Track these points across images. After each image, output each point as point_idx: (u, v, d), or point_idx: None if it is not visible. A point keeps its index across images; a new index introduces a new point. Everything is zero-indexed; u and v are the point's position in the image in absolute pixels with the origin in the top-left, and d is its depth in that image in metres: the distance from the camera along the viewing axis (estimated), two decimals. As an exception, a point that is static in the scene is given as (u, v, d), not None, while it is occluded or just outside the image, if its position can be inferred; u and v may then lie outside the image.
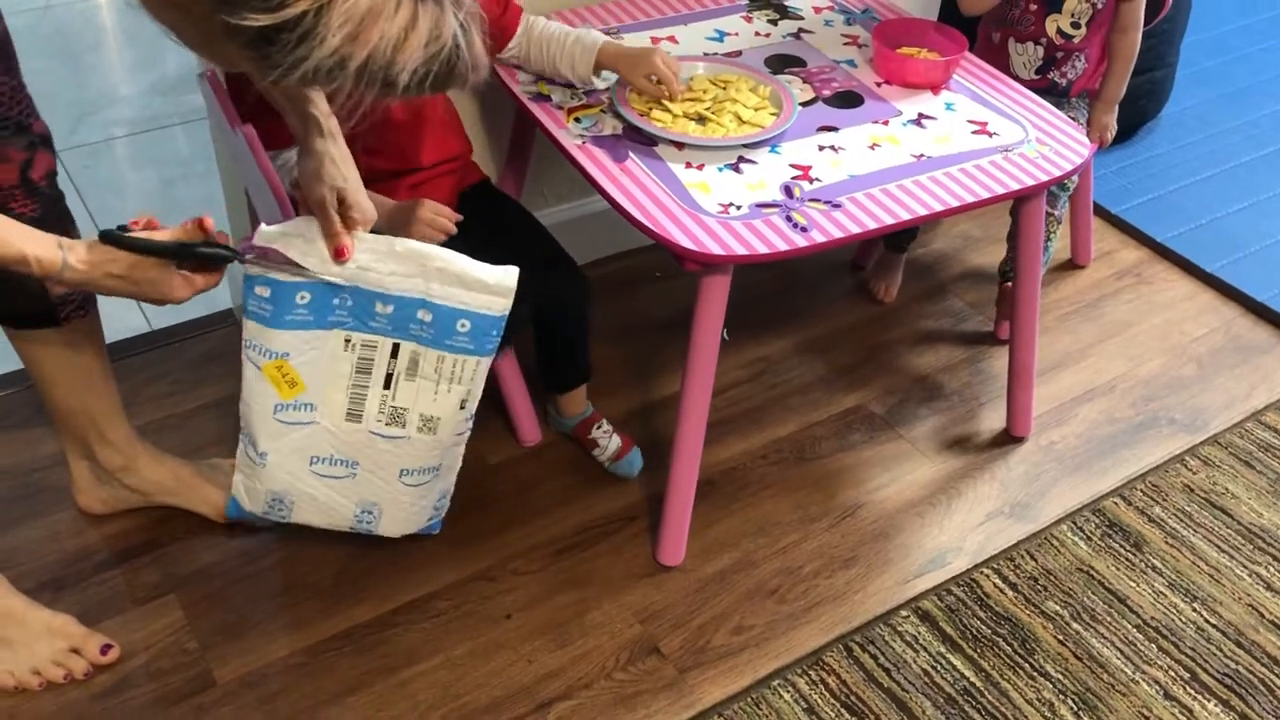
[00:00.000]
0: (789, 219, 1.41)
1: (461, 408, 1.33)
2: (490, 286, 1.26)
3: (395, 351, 1.30)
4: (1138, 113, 2.51)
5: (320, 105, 1.25)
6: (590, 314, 1.63)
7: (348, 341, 1.29)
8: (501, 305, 1.27)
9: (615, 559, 1.60)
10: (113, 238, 1.13)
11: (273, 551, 1.57)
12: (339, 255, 1.22)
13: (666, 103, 1.56)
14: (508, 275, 1.26)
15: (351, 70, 0.86)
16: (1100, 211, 2.32)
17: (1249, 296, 2.14)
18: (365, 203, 1.25)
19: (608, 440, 1.70)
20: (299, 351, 1.29)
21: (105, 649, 1.41)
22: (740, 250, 1.36)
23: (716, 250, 1.36)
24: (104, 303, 1.94)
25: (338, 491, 1.38)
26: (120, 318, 1.92)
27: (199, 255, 1.15)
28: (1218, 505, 1.74)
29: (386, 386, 1.32)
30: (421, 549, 1.57)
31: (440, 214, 1.44)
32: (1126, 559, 1.65)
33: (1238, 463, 1.81)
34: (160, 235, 1.15)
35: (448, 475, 1.42)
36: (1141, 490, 1.76)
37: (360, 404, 1.33)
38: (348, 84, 0.87)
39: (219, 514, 1.58)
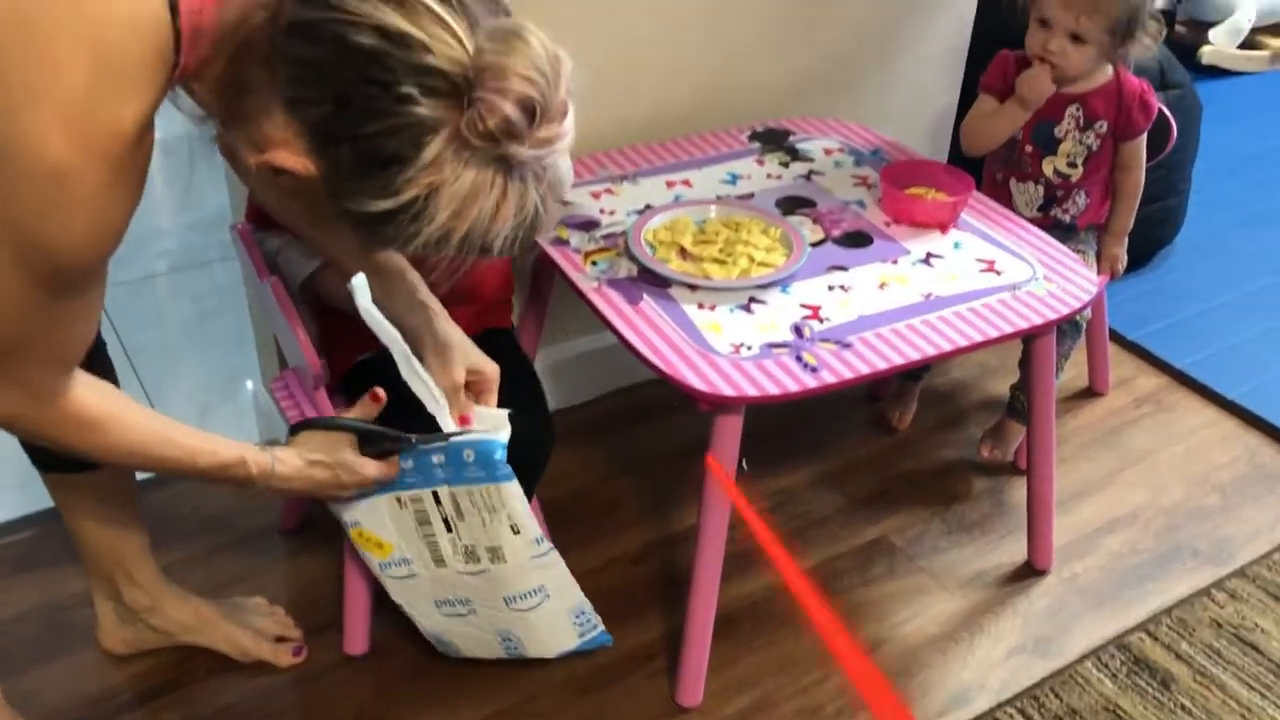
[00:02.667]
0: (799, 359, 1.44)
1: (516, 533, 1.36)
2: (486, 420, 1.32)
3: (437, 498, 1.35)
4: (1152, 239, 2.54)
5: (415, 279, 1.33)
6: (539, 475, 1.52)
7: (399, 501, 1.36)
8: (501, 434, 1.30)
9: (632, 700, 1.59)
10: (312, 423, 1.27)
11: (293, 692, 1.57)
12: (462, 424, 1.30)
13: (684, 244, 1.61)
14: (500, 413, 1.32)
15: (454, 241, 0.97)
16: (1117, 338, 2.34)
17: (1271, 424, 2.13)
18: (487, 364, 1.32)
19: None
20: (368, 517, 1.37)
21: None
22: (751, 391, 1.39)
23: (728, 391, 1.39)
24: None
25: (473, 626, 1.46)
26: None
27: (378, 436, 1.27)
28: (1247, 641, 1.71)
29: (449, 529, 1.37)
30: (441, 687, 1.57)
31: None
32: (1154, 697, 1.62)
33: (1266, 596, 1.79)
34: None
35: (564, 594, 1.44)
36: (1168, 625, 1.74)
37: (438, 550, 1.39)
38: (449, 252, 0.98)
39: (241, 653, 1.59)
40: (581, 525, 1.85)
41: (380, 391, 1.26)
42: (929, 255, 1.64)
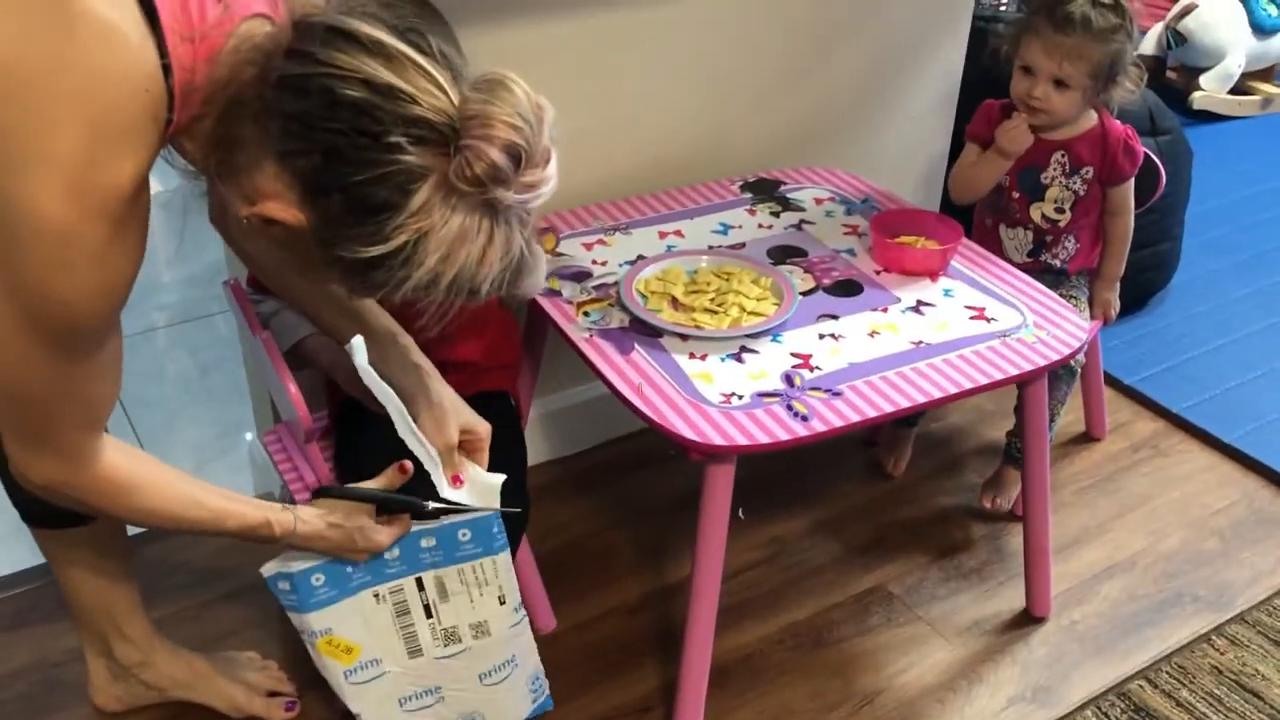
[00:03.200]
0: (790, 408, 1.44)
1: (502, 603, 1.39)
2: (478, 482, 1.32)
3: (420, 584, 1.37)
4: (1146, 284, 2.55)
5: (407, 342, 1.34)
6: (519, 543, 1.53)
7: (376, 596, 1.36)
8: (492, 503, 1.31)
9: (627, 753, 1.57)
10: (330, 492, 1.29)
11: (285, 747, 1.56)
12: (455, 483, 1.30)
13: (676, 294, 1.62)
14: (492, 479, 1.32)
15: (443, 285, 0.99)
16: (1113, 383, 2.34)
17: (1269, 467, 2.12)
18: (479, 423, 1.32)
19: None
20: (339, 622, 1.37)
21: None
22: (742, 440, 1.39)
23: (718, 441, 1.39)
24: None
25: (437, 716, 1.45)
26: (147, 508, 1.97)
27: (396, 504, 1.29)
28: (1248, 688, 1.70)
29: (429, 615, 1.38)
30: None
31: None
32: (1155, 746, 1.61)
33: (1267, 642, 1.77)
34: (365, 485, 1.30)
35: (527, 659, 1.47)
36: (1168, 672, 1.72)
37: (415, 640, 1.40)
38: (438, 296, 1.00)
39: (234, 709, 1.58)
40: (576, 576, 1.84)
41: (408, 465, 1.28)
42: (919, 303, 1.65)
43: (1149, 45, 3.62)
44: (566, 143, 1.82)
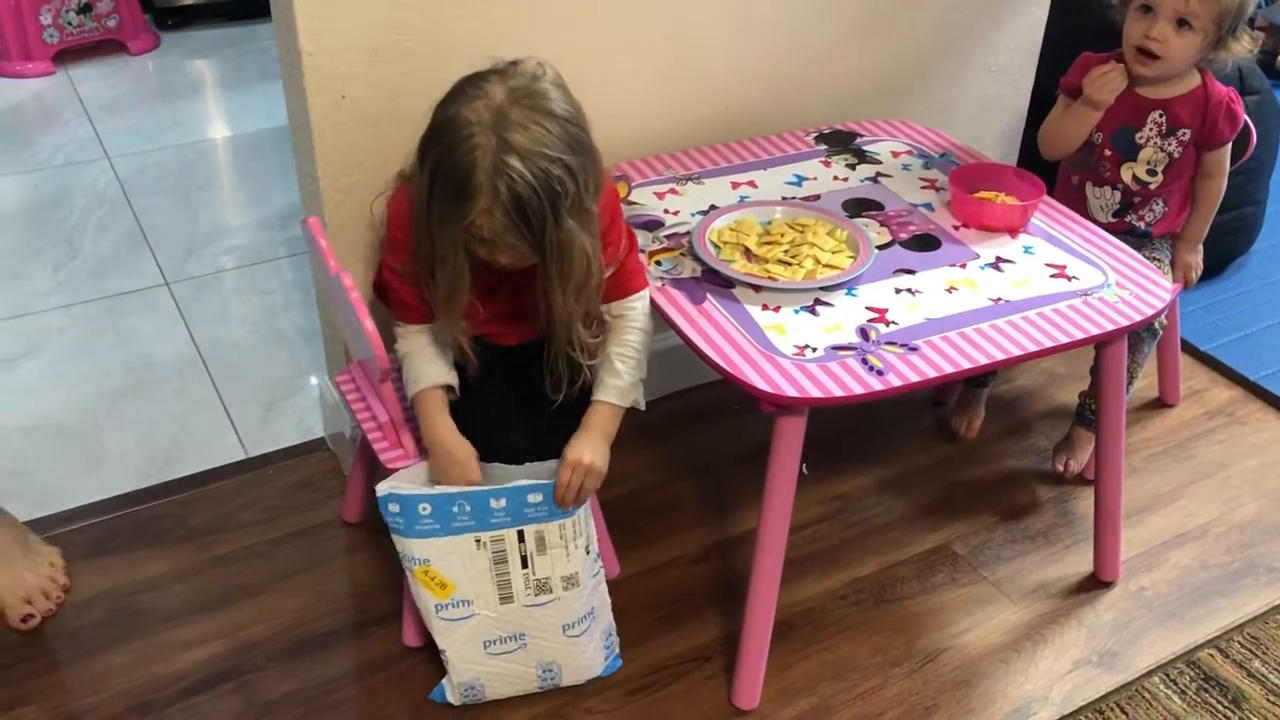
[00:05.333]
0: (865, 362, 1.42)
1: (588, 552, 1.46)
2: None
3: (521, 536, 1.42)
4: (1226, 249, 2.49)
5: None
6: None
7: (478, 541, 1.42)
8: None
9: (689, 701, 1.58)
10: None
11: (353, 683, 1.59)
12: None
13: (749, 245, 1.61)
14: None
15: None
16: (1189, 349, 2.29)
17: (1349, 439, 2.07)
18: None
19: None
20: (438, 557, 1.43)
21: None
22: (815, 393, 1.38)
23: (791, 392, 1.38)
24: (199, 428, 2.04)
25: (516, 662, 1.51)
26: (217, 443, 2.01)
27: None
28: (1322, 660, 1.67)
29: (525, 566, 1.44)
30: (497, 683, 1.58)
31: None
32: (1224, 716, 1.58)
33: (1342, 615, 1.74)
34: None
35: (603, 614, 1.54)
36: (1239, 642, 1.69)
37: (508, 588, 1.45)
38: None
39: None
40: (641, 525, 1.85)
41: None
42: (998, 260, 1.62)
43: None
44: (638, 90, 1.82)
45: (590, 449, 1.43)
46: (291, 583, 1.72)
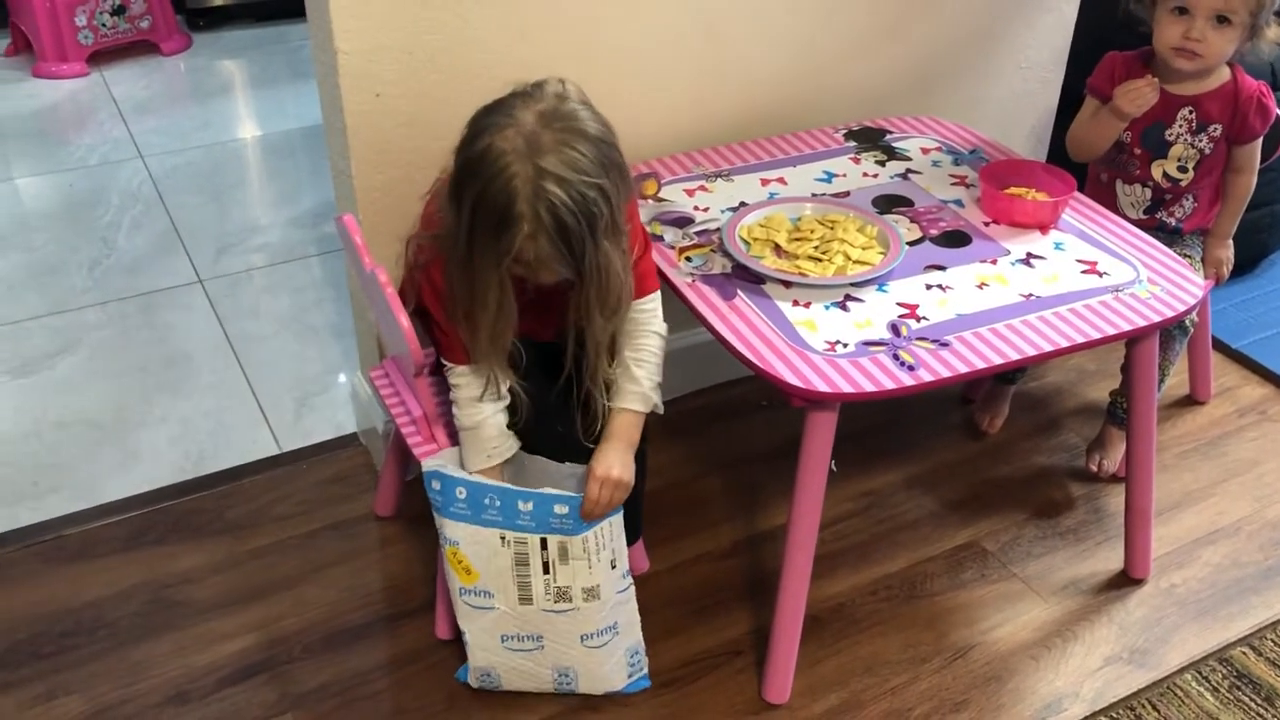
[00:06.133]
0: (896, 357, 1.43)
1: (613, 567, 1.46)
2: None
3: (544, 544, 1.43)
4: (1258, 246, 2.47)
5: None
6: (643, 469, 1.55)
7: (503, 539, 1.44)
8: None
9: (719, 695, 1.59)
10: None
11: (387, 674, 1.61)
12: None
13: (779, 241, 1.61)
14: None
15: None
16: (1220, 346, 2.28)
17: (1383, 436, 2.05)
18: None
19: None
20: (467, 542, 1.44)
21: None
22: (847, 388, 1.38)
23: (823, 388, 1.38)
24: (232, 424, 2.06)
25: (533, 661, 1.52)
26: (250, 438, 2.03)
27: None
28: (1356, 659, 1.66)
29: (546, 572, 1.45)
30: (528, 676, 1.59)
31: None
32: (1258, 713, 1.58)
33: (1377, 613, 1.73)
34: None
35: (630, 631, 1.53)
36: (1272, 640, 1.69)
37: (528, 589, 1.47)
38: None
39: None
40: (671, 520, 1.85)
41: None
42: (1029, 256, 1.62)
43: None
44: (668, 86, 1.83)
45: (618, 462, 1.43)
46: (325, 576, 1.74)
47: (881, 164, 1.85)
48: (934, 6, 2.02)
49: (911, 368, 1.41)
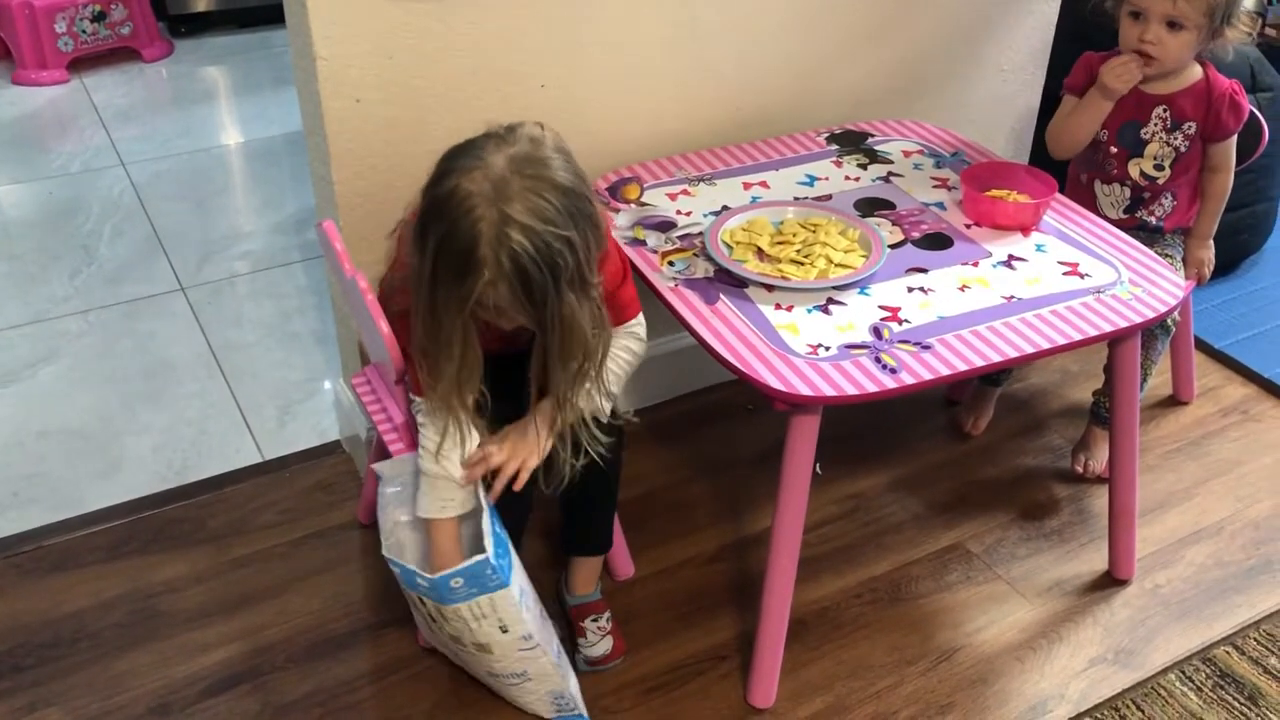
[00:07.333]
0: (878, 360, 1.43)
1: (505, 632, 1.42)
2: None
3: (422, 600, 1.45)
4: (1239, 247, 2.48)
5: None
6: (617, 475, 1.55)
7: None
8: (476, 556, 1.36)
9: (704, 700, 1.58)
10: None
11: (371, 683, 1.60)
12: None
13: (761, 245, 1.61)
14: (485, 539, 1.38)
15: None
16: (1203, 346, 2.29)
17: (1365, 435, 2.07)
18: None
19: (599, 639, 1.61)
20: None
21: None
22: (829, 391, 1.38)
23: (805, 391, 1.38)
24: (215, 432, 2.05)
25: (467, 659, 1.53)
26: (233, 446, 2.02)
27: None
28: (1339, 657, 1.66)
29: (433, 621, 1.47)
30: (513, 683, 1.58)
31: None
32: (1241, 713, 1.58)
33: (1359, 611, 1.73)
34: None
35: (545, 680, 1.49)
36: (1255, 639, 1.69)
37: (429, 624, 1.51)
38: None
39: None
40: (656, 525, 1.85)
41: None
42: (1011, 258, 1.62)
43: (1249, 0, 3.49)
44: (651, 91, 1.83)
45: (531, 448, 1.40)
46: (308, 584, 1.74)
47: (863, 167, 1.85)
48: (916, 11, 2.02)
49: (893, 370, 1.41)
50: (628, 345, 1.48)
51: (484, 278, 1.21)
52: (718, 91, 1.90)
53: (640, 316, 1.49)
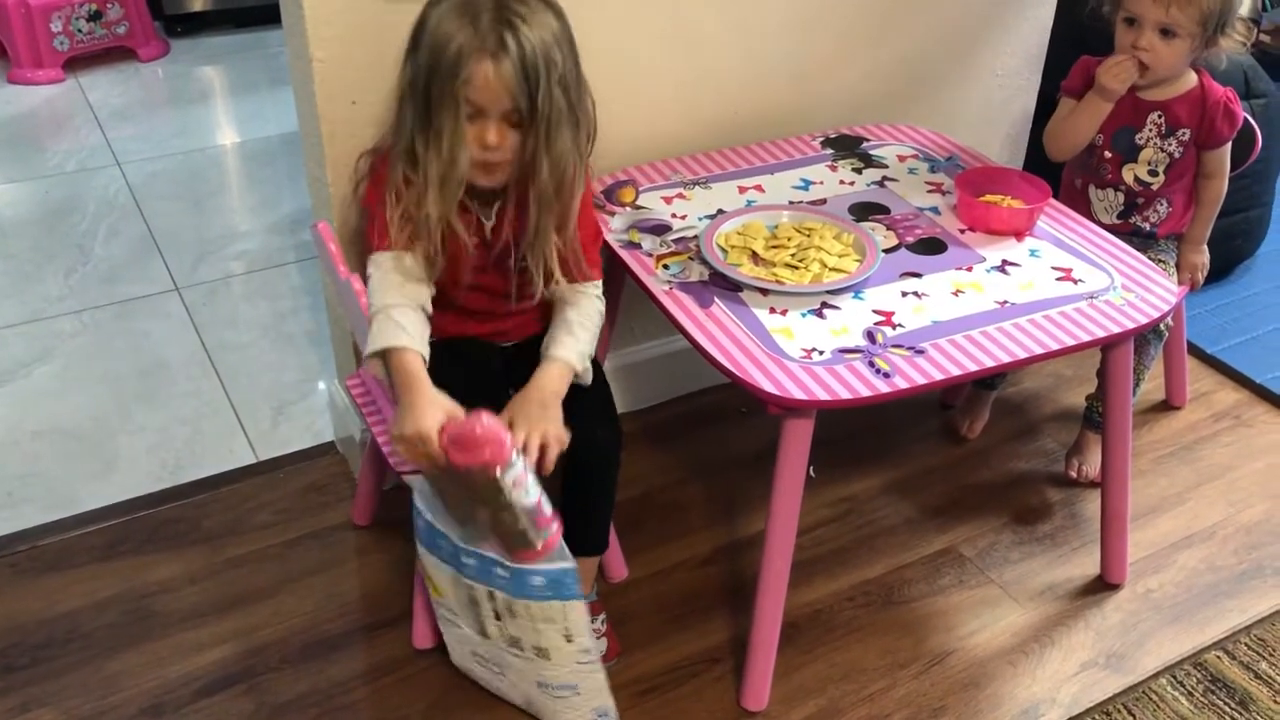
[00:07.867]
0: (871, 364, 1.43)
1: (569, 641, 1.41)
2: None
3: (491, 595, 1.41)
4: (1233, 252, 2.49)
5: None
6: (615, 476, 1.53)
7: (455, 578, 1.43)
8: (563, 563, 1.35)
9: (698, 702, 1.59)
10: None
11: (364, 684, 1.60)
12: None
13: (756, 249, 1.62)
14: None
15: None
16: (1196, 352, 2.30)
17: (1356, 441, 2.07)
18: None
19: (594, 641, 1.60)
20: (430, 566, 1.44)
21: None
22: (823, 395, 1.39)
23: (798, 395, 1.39)
24: (210, 432, 2.05)
25: (501, 684, 1.52)
26: (227, 446, 2.02)
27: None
28: (1329, 662, 1.67)
29: (498, 619, 1.43)
30: (506, 685, 1.59)
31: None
32: (1232, 718, 1.59)
33: (1350, 616, 1.74)
34: None
35: (594, 696, 1.48)
36: (1246, 644, 1.70)
37: (484, 628, 1.46)
38: None
39: None
40: (650, 528, 1.86)
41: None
42: (1004, 263, 1.63)
43: (1244, 7, 3.49)
44: (646, 95, 1.83)
45: (551, 421, 1.37)
46: (303, 585, 1.74)
47: (858, 171, 1.86)
48: (913, 15, 2.03)
49: (887, 375, 1.42)
50: (597, 308, 1.52)
51: (484, 49, 1.30)
52: (713, 95, 1.91)
53: (599, 283, 1.53)
